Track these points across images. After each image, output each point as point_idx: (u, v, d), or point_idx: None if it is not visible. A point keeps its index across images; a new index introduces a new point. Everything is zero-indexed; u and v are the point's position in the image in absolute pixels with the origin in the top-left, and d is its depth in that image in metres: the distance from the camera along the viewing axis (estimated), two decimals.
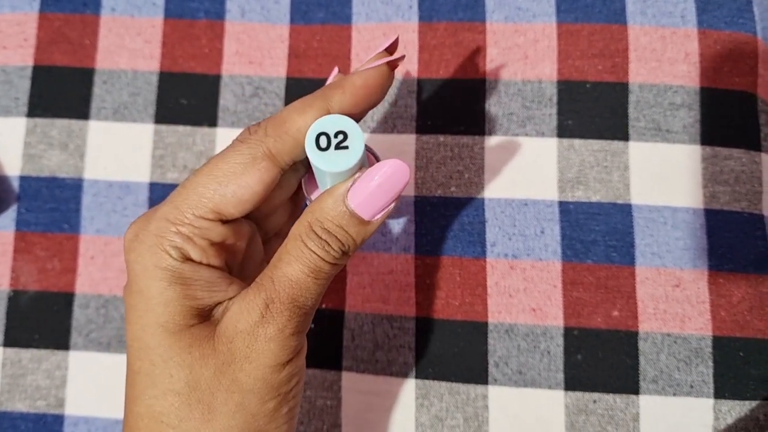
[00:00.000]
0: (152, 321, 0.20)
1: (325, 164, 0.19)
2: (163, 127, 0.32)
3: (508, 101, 0.31)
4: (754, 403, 0.28)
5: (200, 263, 0.20)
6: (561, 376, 0.29)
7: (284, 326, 0.19)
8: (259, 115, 0.32)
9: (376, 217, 0.20)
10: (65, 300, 0.31)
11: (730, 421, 0.28)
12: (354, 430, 0.29)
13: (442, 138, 0.31)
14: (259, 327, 0.19)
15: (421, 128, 0.31)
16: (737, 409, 0.28)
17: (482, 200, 0.30)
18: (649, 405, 0.28)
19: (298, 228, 0.20)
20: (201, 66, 0.33)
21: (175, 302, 0.20)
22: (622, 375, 0.29)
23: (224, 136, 0.32)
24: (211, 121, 0.32)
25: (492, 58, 0.32)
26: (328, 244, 0.20)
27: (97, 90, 0.32)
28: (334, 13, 0.33)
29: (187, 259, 0.20)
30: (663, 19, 0.32)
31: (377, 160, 0.24)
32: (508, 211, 0.30)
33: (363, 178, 0.20)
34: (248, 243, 0.23)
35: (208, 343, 0.20)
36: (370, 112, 0.31)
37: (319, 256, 0.20)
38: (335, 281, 0.30)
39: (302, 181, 0.24)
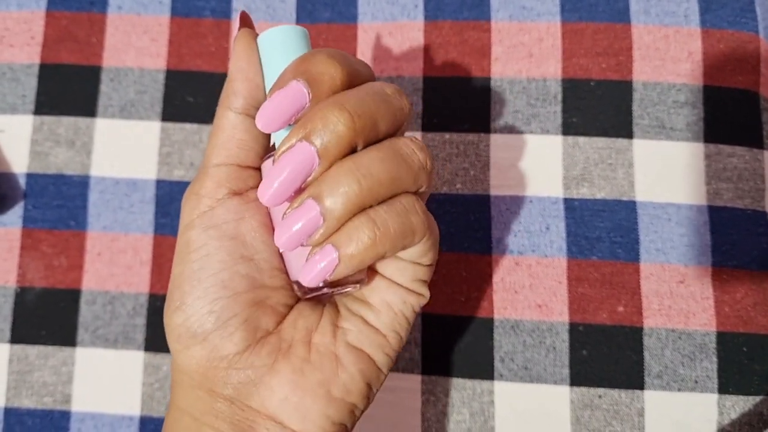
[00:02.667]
0: None
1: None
2: (170, 125, 0.32)
3: (513, 99, 0.31)
4: (758, 398, 0.28)
5: None
6: (566, 371, 0.29)
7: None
8: None
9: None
10: (72, 297, 0.31)
11: (734, 416, 0.28)
12: (360, 425, 0.29)
13: (447, 135, 0.31)
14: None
15: (427, 125, 0.31)
16: (741, 404, 0.28)
17: (487, 197, 0.31)
18: (653, 400, 0.28)
19: None
20: (207, 64, 0.33)
21: None
22: (627, 370, 0.29)
23: None
24: None
25: (497, 57, 0.32)
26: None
27: (104, 88, 0.33)
28: (340, 12, 0.33)
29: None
30: (666, 19, 0.32)
31: None
32: (514, 208, 0.30)
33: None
34: None
35: None
36: None
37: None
38: None
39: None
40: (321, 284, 0.20)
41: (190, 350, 0.21)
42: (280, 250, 0.21)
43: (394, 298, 0.22)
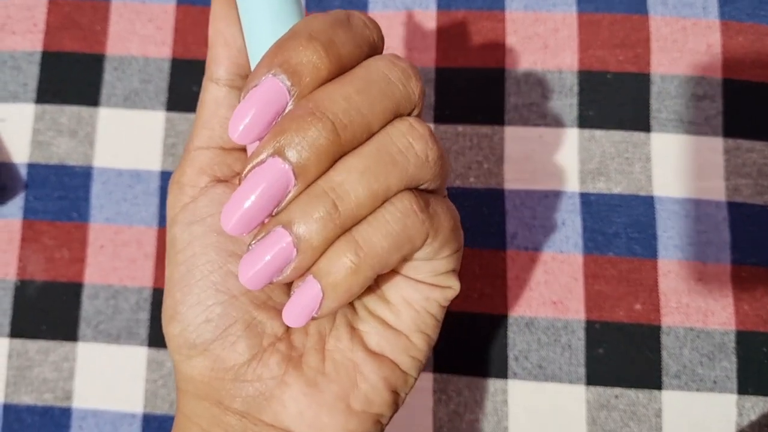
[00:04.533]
0: None
1: None
2: (175, 115, 0.31)
3: (528, 91, 0.31)
4: None
5: None
6: (582, 370, 0.28)
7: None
8: None
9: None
10: (73, 290, 0.30)
11: (753, 417, 0.27)
12: None
13: (461, 128, 0.30)
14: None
15: (440, 117, 0.31)
16: (761, 405, 0.28)
17: (501, 191, 0.30)
18: (671, 400, 0.28)
19: None
20: None
21: None
22: (645, 370, 0.28)
23: None
24: None
25: (511, 47, 0.31)
26: None
27: (108, 76, 0.32)
28: (350, 1, 0.32)
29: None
30: (684, 10, 0.31)
31: None
32: (528, 203, 0.30)
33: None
34: None
35: None
36: None
37: None
38: None
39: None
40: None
41: (192, 361, 0.19)
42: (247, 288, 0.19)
43: (415, 294, 0.20)
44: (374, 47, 0.18)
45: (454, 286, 0.20)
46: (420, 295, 0.20)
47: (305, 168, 0.16)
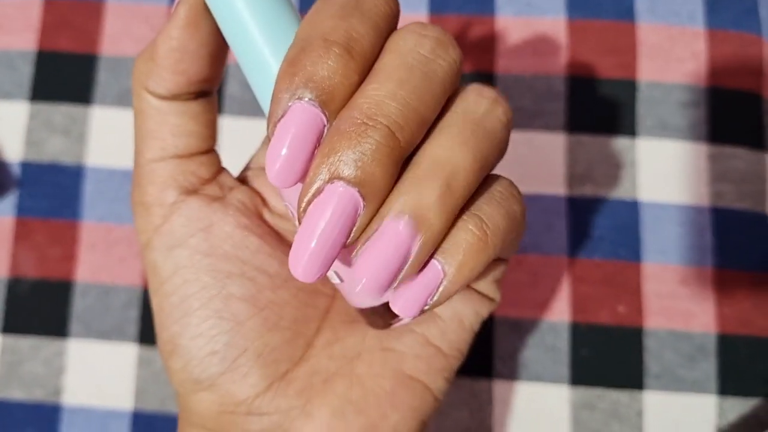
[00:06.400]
0: None
1: None
2: None
3: (517, 95, 0.31)
4: (757, 401, 0.28)
5: None
6: (566, 371, 0.29)
7: None
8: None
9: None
10: (65, 288, 0.30)
11: (733, 418, 0.28)
12: None
13: None
14: None
15: None
16: (740, 406, 0.28)
17: None
18: (653, 401, 0.28)
19: None
20: None
21: None
22: (627, 371, 0.29)
23: (230, 124, 0.32)
24: (218, 109, 0.32)
25: (501, 52, 0.32)
26: None
27: (101, 76, 0.32)
28: None
29: None
30: (671, 18, 0.32)
31: None
32: None
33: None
34: None
35: None
36: None
37: None
38: None
39: None
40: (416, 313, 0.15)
41: (198, 395, 0.17)
42: (357, 304, 0.16)
43: (466, 308, 0.18)
44: (393, 18, 0.15)
45: (497, 298, 0.19)
46: (471, 310, 0.18)
47: (372, 185, 0.13)
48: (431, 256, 0.14)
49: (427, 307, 0.15)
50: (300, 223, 0.14)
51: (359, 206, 0.14)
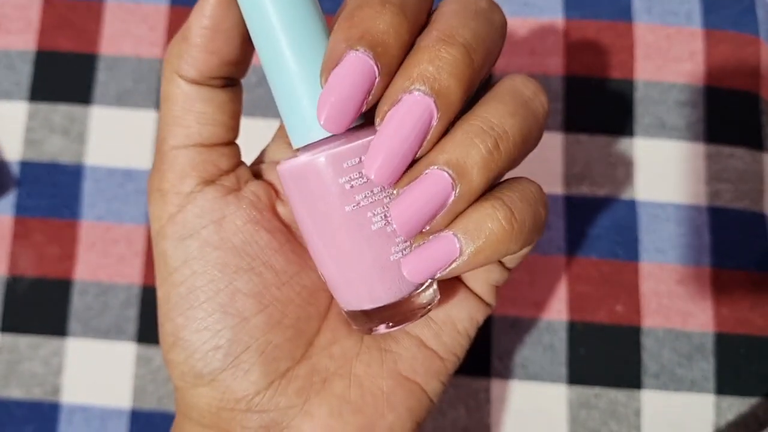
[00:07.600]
0: None
1: None
2: None
3: None
4: (755, 400, 0.28)
5: None
6: (564, 370, 0.29)
7: None
8: (264, 104, 0.32)
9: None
10: (64, 286, 0.30)
11: (730, 417, 0.28)
12: None
13: None
14: None
15: None
16: (738, 405, 0.28)
17: None
18: (650, 400, 0.28)
19: None
20: None
21: None
22: (625, 370, 0.29)
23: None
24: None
25: None
26: None
27: (101, 76, 0.32)
28: (339, 4, 0.33)
29: None
30: (668, 18, 0.32)
31: None
32: None
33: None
34: None
35: None
36: None
37: None
38: None
39: None
40: (420, 285, 0.15)
41: (198, 390, 0.17)
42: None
43: (461, 312, 0.18)
44: None
45: (493, 303, 0.19)
46: (466, 314, 0.19)
47: (448, 97, 0.14)
48: (456, 232, 0.15)
49: (434, 279, 0.15)
50: (378, 129, 0.15)
51: (434, 116, 0.14)
